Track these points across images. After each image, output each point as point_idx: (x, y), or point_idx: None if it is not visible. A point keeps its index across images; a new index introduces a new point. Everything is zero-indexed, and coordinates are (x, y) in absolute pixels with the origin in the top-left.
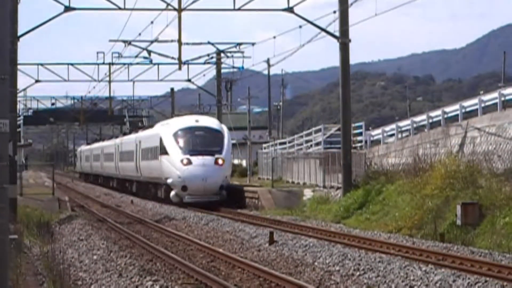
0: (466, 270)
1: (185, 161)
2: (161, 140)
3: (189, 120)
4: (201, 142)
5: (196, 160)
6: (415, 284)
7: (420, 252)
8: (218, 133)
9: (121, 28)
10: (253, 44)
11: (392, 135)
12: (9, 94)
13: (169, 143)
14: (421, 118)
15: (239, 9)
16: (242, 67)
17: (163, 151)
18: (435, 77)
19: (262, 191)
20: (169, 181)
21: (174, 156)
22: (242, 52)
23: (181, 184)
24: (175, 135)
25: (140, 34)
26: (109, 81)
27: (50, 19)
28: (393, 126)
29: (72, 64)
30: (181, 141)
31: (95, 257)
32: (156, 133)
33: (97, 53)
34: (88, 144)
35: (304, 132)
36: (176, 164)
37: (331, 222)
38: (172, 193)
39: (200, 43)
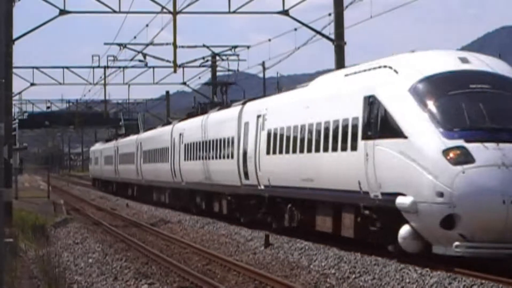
0: (462, 272)
1: (452, 155)
2: (373, 104)
3: (445, 59)
4: (489, 111)
5: (485, 153)
6: (411, 287)
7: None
8: None
9: (116, 31)
10: (248, 47)
11: None
12: (4, 98)
13: (404, 111)
14: None
15: (234, 12)
16: (237, 70)
17: (385, 129)
18: None
19: None
20: (401, 201)
21: (421, 141)
22: (237, 55)
23: (443, 211)
24: (418, 93)
25: (135, 37)
26: (104, 84)
27: (45, 23)
28: None
29: (67, 68)
30: (437, 107)
31: (90, 260)
32: (347, 90)
33: (92, 56)
34: (107, 141)
35: None
36: (427, 162)
37: None
38: (406, 230)
39: (195, 46)
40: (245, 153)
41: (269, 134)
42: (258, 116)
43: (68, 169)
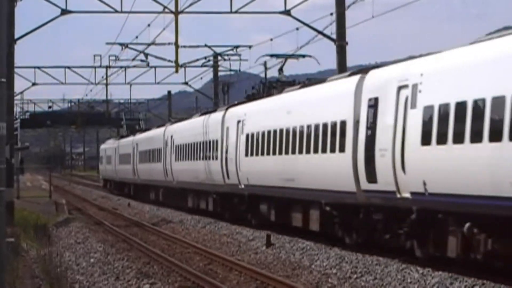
0: (463, 273)
1: None
2: None
3: None
4: None
5: None
6: (412, 287)
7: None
8: None
9: (118, 31)
10: (250, 47)
11: None
12: (6, 97)
13: None
14: None
15: (236, 12)
16: (239, 70)
17: None
18: None
19: None
20: None
21: None
22: (239, 55)
23: None
24: None
25: (137, 37)
26: (106, 84)
27: (47, 22)
28: None
29: (69, 67)
30: None
31: (92, 260)
32: None
33: (94, 56)
34: (122, 137)
35: None
36: None
37: None
38: None
39: (197, 46)
40: (370, 145)
41: (427, 114)
42: (400, 88)
43: (70, 168)
